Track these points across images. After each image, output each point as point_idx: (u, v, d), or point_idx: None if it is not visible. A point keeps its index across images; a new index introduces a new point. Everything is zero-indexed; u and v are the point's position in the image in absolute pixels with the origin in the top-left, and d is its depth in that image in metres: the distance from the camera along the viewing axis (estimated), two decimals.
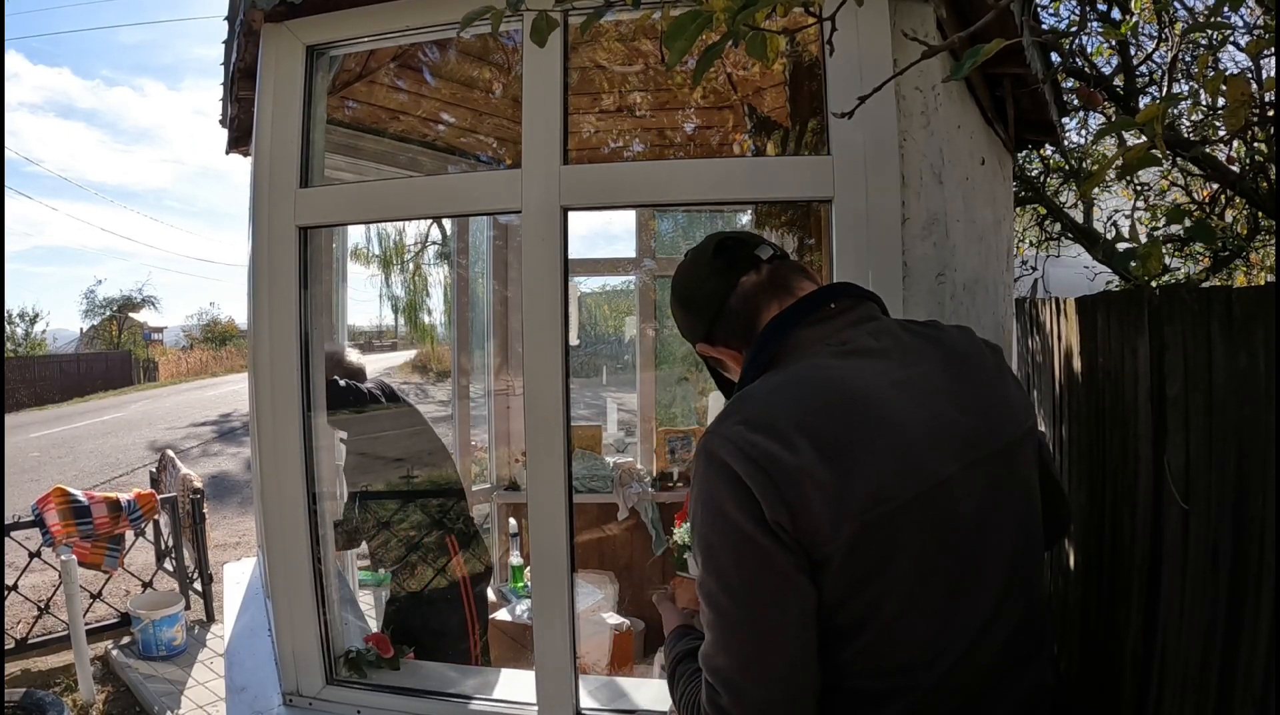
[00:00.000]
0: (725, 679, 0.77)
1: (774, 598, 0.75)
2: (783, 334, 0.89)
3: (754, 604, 0.76)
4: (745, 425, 0.77)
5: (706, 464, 0.78)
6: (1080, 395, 2.48)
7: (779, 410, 0.78)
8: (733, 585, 0.76)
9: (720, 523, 0.76)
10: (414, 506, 2.56)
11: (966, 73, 0.91)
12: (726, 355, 0.99)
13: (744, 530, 0.75)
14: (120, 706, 3.26)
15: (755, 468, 0.75)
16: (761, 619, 0.75)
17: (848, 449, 0.76)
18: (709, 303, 0.96)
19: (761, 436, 0.76)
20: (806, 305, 0.90)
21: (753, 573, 0.75)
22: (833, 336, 0.87)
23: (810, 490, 0.74)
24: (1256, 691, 1.46)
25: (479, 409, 3.60)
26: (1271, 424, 1.43)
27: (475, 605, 2.57)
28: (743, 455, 0.75)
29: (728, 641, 0.77)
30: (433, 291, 6.80)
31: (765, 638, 0.76)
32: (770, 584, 0.75)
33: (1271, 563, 1.42)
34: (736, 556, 0.76)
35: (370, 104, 2.82)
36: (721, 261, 0.96)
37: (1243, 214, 4.06)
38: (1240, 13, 3.33)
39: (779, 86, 2.73)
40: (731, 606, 0.76)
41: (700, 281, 0.98)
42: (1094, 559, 2.31)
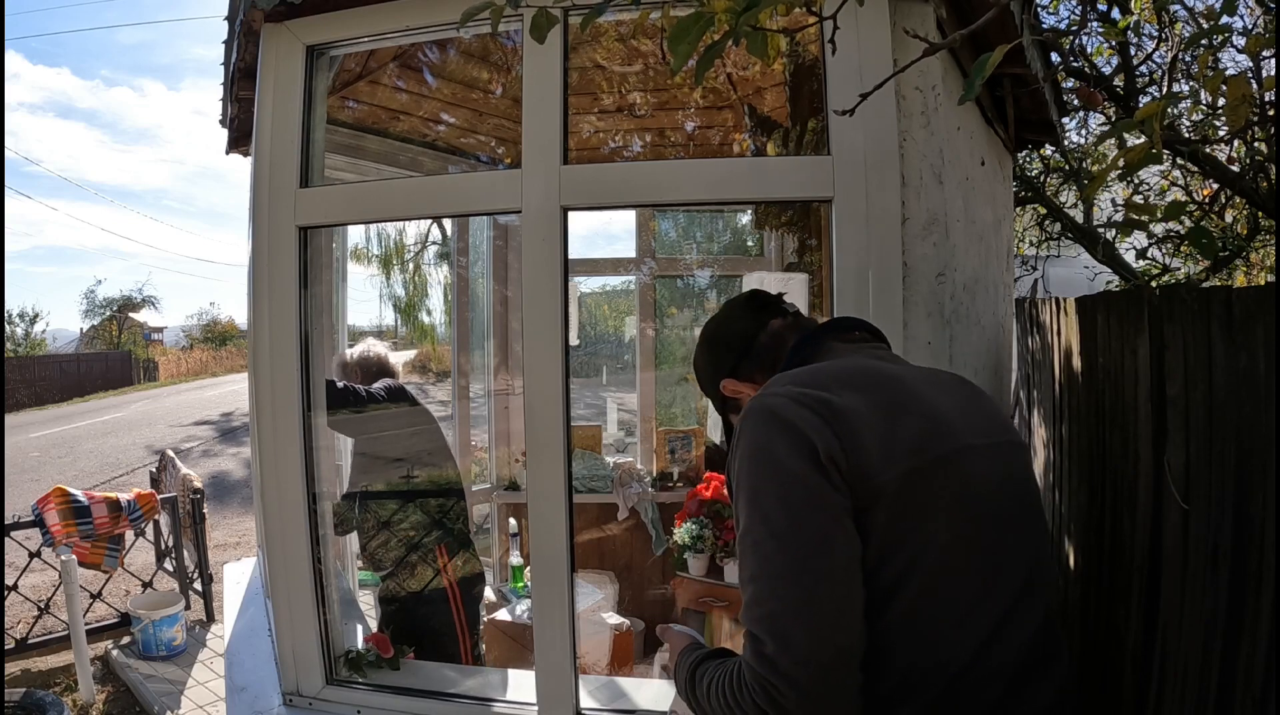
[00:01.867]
0: (771, 626, 0.74)
1: (823, 539, 0.76)
2: (818, 342, 0.99)
3: (803, 544, 0.76)
4: (794, 383, 0.85)
5: (756, 418, 0.83)
6: (1080, 395, 2.48)
7: (824, 375, 0.88)
8: (780, 529, 0.77)
9: (769, 468, 0.79)
10: (411, 507, 2.56)
11: (976, 92, 0.92)
12: (749, 389, 1.04)
13: (795, 471, 0.77)
14: (120, 706, 3.26)
15: (809, 411, 0.80)
16: (811, 559, 0.75)
17: (889, 404, 0.84)
18: (739, 339, 1.05)
19: (814, 388, 0.83)
20: (837, 327, 1.03)
21: (802, 514, 0.77)
22: (860, 350, 0.99)
23: (862, 428, 0.80)
24: (1256, 691, 1.46)
25: (479, 409, 3.60)
26: (1271, 424, 1.43)
27: (464, 609, 2.57)
28: (796, 402, 0.82)
29: (774, 586, 0.75)
30: (433, 291, 6.80)
31: (814, 580, 0.75)
32: (818, 524, 0.76)
33: (1271, 563, 1.42)
34: (785, 499, 0.77)
35: (370, 104, 2.82)
36: (755, 305, 1.08)
37: (1243, 214, 4.06)
38: (1240, 13, 3.33)
39: (779, 86, 2.73)
40: (778, 550, 0.76)
41: (732, 322, 1.08)
42: (1094, 559, 2.31)
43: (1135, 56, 3.83)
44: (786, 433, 0.79)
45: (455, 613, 2.54)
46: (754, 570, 0.78)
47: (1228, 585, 1.56)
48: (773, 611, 0.75)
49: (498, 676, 2.05)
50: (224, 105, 2.42)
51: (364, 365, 2.64)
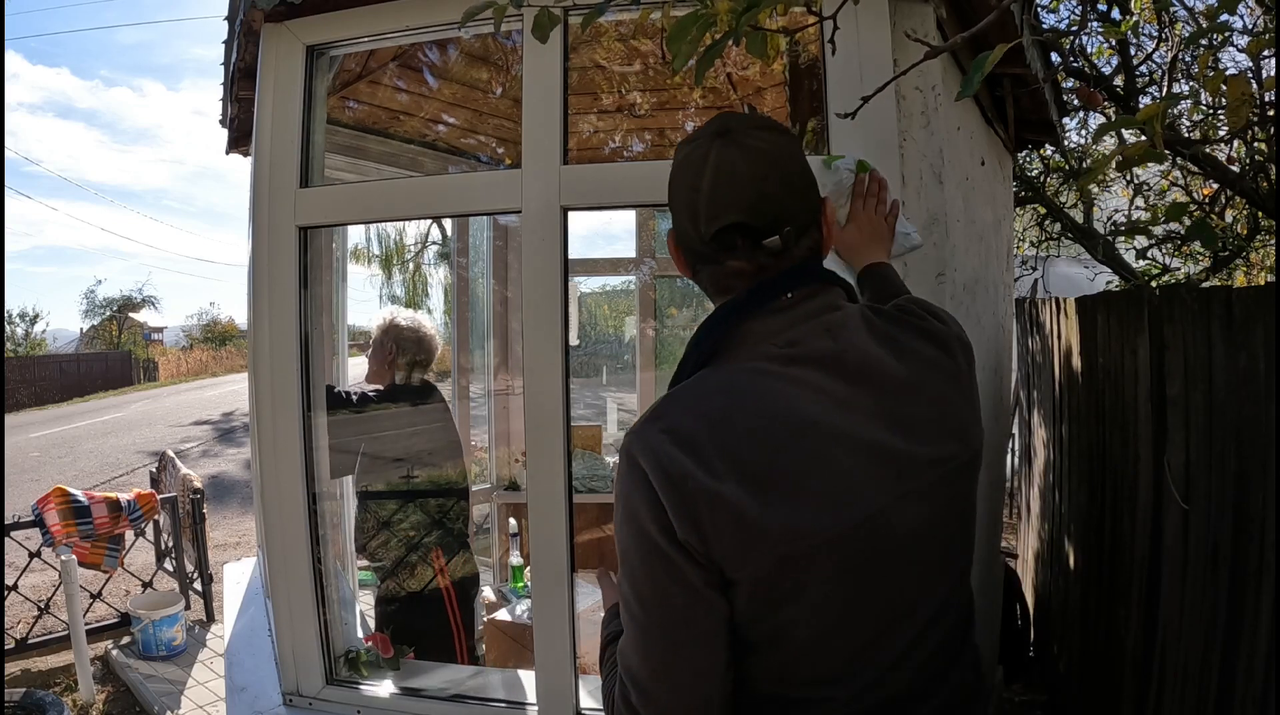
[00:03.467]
0: (635, 680, 0.76)
1: (683, 612, 0.74)
2: (728, 326, 0.81)
3: (664, 614, 0.75)
4: (669, 435, 0.74)
5: (626, 467, 0.76)
6: (1080, 395, 2.48)
7: (705, 425, 0.74)
8: (644, 593, 0.75)
9: (633, 529, 0.75)
10: (412, 506, 2.56)
11: (975, 88, 0.91)
12: (680, 266, 0.90)
13: (655, 541, 0.73)
14: (120, 706, 3.26)
15: (670, 484, 0.72)
16: (671, 630, 0.75)
17: (773, 481, 0.73)
18: (686, 247, 0.86)
19: (681, 452, 0.73)
20: (760, 294, 0.81)
21: (663, 584, 0.74)
22: (781, 333, 0.80)
23: (723, 517, 0.71)
24: (1256, 691, 1.46)
25: (479, 409, 3.60)
26: (1271, 424, 1.43)
27: (460, 611, 2.57)
28: (660, 468, 0.73)
29: (640, 645, 0.76)
30: (433, 291, 6.79)
31: (675, 648, 0.75)
32: (680, 597, 0.74)
33: (1271, 562, 1.42)
34: (647, 566, 0.75)
35: (370, 104, 2.82)
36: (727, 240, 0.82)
37: (1243, 214, 4.06)
38: (1240, 13, 3.33)
39: (779, 86, 2.73)
40: (642, 613, 0.75)
41: (686, 229, 0.84)
42: (1094, 558, 2.32)
43: (1135, 56, 3.83)
44: (648, 499, 0.73)
45: (451, 614, 2.54)
46: (625, 620, 0.78)
47: (1228, 585, 1.56)
48: (638, 667, 0.76)
49: (498, 676, 2.05)
50: (224, 105, 2.43)
51: (401, 341, 2.57)
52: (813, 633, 0.76)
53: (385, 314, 2.64)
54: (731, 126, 0.82)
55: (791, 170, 0.83)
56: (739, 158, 0.80)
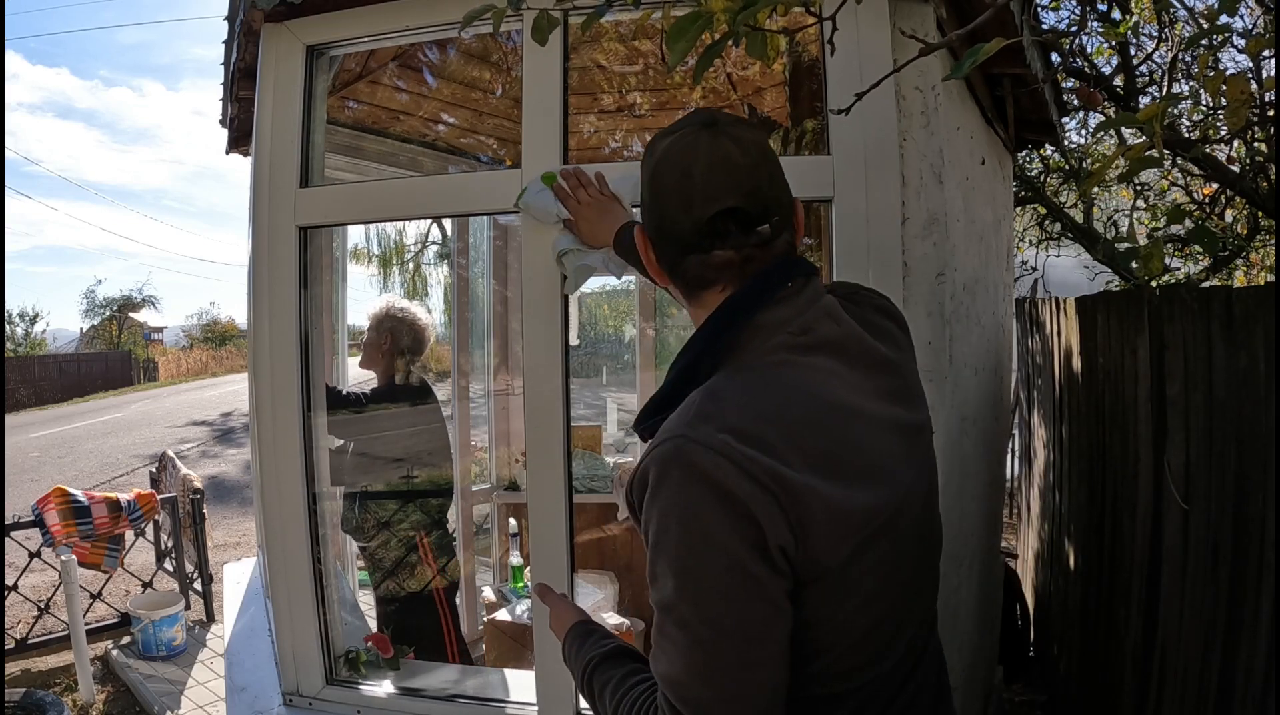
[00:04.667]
0: (699, 708, 0.70)
1: (761, 630, 0.70)
2: (741, 319, 0.79)
3: (741, 636, 0.69)
4: (733, 435, 0.69)
5: (685, 476, 0.69)
6: (1080, 395, 2.48)
7: (765, 421, 0.71)
8: (715, 614, 0.69)
9: (705, 546, 0.69)
10: (412, 507, 2.57)
11: (966, 71, 0.91)
12: (652, 268, 0.87)
13: (737, 558, 0.68)
14: (120, 706, 3.26)
15: (759, 488, 0.68)
16: (746, 651, 0.70)
17: (839, 464, 0.72)
18: (670, 236, 0.82)
19: (758, 451, 0.69)
20: (766, 284, 0.79)
21: (741, 602, 0.69)
22: (793, 320, 0.79)
23: (817, 507, 0.69)
24: (1257, 691, 1.46)
25: (479, 409, 3.59)
26: (1271, 424, 1.43)
27: (449, 608, 2.58)
28: (742, 472, 0.68)
29: (705, 673, 0.70)
30: (433, 291, 6.79)
31: (748, 670, 0.70)
32: (759, 615, 0.69)
33: (1271, 562, 1.42)
34: (725, 586, 0.69)
35: (370, 104, 2.82)
36: (718, 228, 0.79)
37: (1243, 214, 4.06)
38: (1240, 13, 3.33)
39: (779, 86, 2.73)
40: (713, 637, 0.69)
41: (675, 216, 0.81)
42: (1094, 558, 2.32)
43: (1135, 56, 3.84)
44: (726, 507, 0.68)
45: (441, 611, 2.54)
46: (682, 648, 0.70)
47: (1228, 585, 1.56)
48: (699, 699, 0.70)
49: (498, 676, 2.05)
50: (224, 105, 2.43)
51: (395, 331, 2.58)
52: (869, 621, 0.76)
53: (380, 303, 2.65)
54: (717, 119, 0.82)
55: (776, 164, 0.83)
56: (733, 147, 0.79)
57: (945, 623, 1.55)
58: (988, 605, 2.51)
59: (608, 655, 0.89)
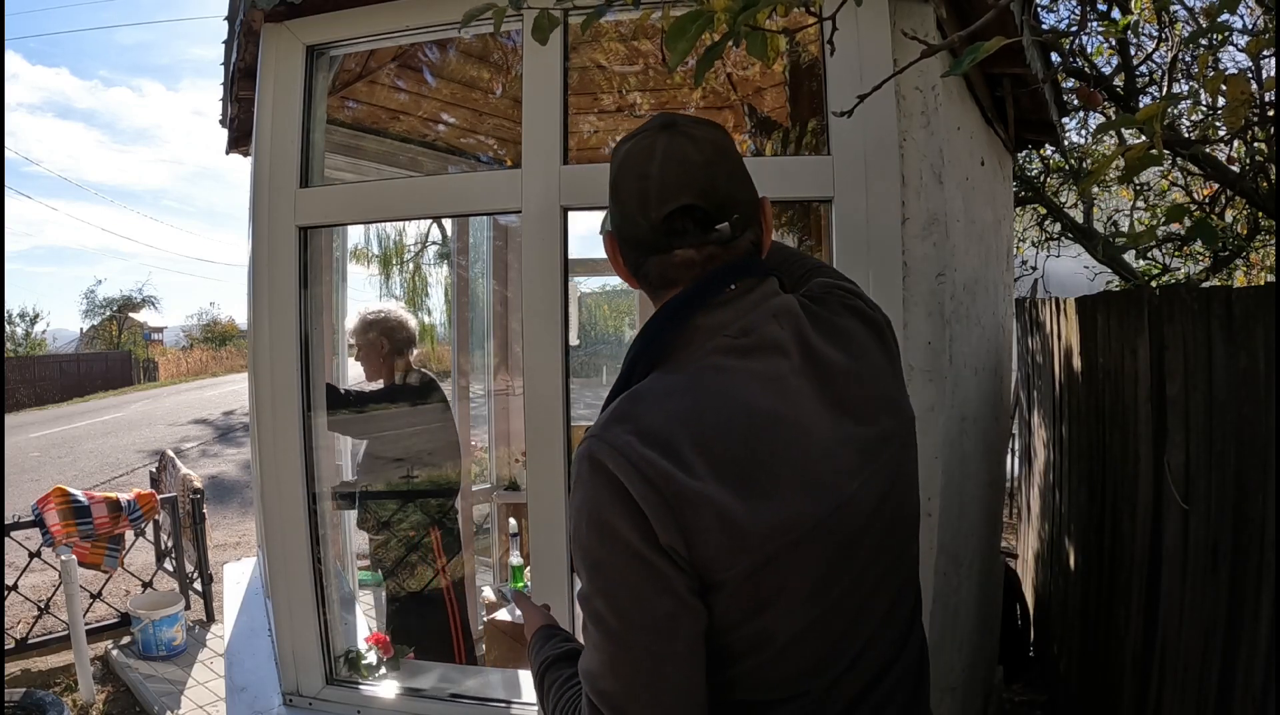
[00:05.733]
0: (611, 704, 0.72)
1: (667, 623, 0.70)
2: (678, 321, 0.79)
3: (645, 628, 0.70)
4: (638, 437, 0.71)
5: (592, 474, 0.72)
6: (1080, 395, 2.48)
7: (676, 424, 0.72)
8: (623, 607, 0.71)
9: (609, 540, 0.71)
10: (411, 506, 2.57)
11: (966, 68, 0.91)
12: (618, 268, 0.87)
13: (636, 549, 0.70)
14: (120, 706, 3.26)
15: (650, 488, 0.69)
16: (653, 644, 0.70)
17: (751, 476, 0.71)
18: (631, 238, 0.83)
19: (656, 453, 0.70)
20: (706, 287, 0.79)
21: (646, 594, 0.70)
22: (733, 323, 0.78)
23: (708, 518, 0.69)
24: (1256, 691, 1.46)
25: (479, 409, 3.59)
26: (1271, 424, 1.43)
27: (459, 610, 2.59)
28: (636, 472, 0.70)
29: (615, 665, 0.71)
30: (433, 291, 6.79)
31: (656, 664, 0.71)
32: (664, 608, 0.70)
33: (1271, 563, 1.42)
34: (627, 577, 0.70)
35: (370, 104, 2.82)
36: (675, 226, 0.79)
37: (1243, 214, 4.06)
38: (1240, 13, 3.33)
39: (779, 86, 2.73)
40: (621, 629, 0.71)
41: (634, 217, 0.81)
42: (1094, 559, 2.32)
43: (1135, 56, 3.84)
44: (625, 506, 0.70)
45: (451, 614, 2.55)
46: (595, 640, 0.73)
47: (1228, 585, 1.56)
48: (614, 689, 0.71)
49: (498, 676, 2.05)
50: (224, 105, 2.43)
51: (386, 332, 2.59)
52: (795, 630, 0.75)
53: (351, 319, 2.66)
54: (676, 120, 0.82)
55: (736, 162, 0.83)
56: (688, 146, 0.79)
57: (945, 623, 1.55)
58: (988, 605, 2.51)
59: (561, 656, 0.89)
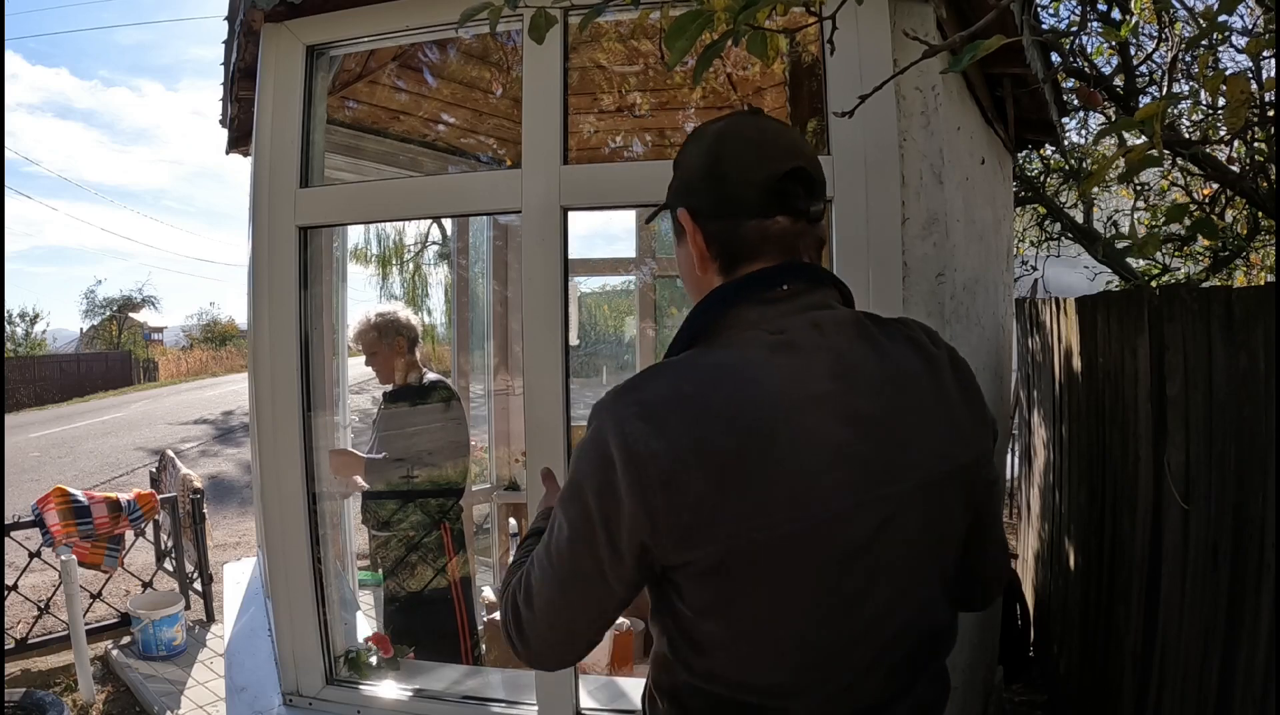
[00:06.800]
0: (515, 618, 0.83)
1: (584, 584, 0.78)
2: (723, 308, 0.82)
3: (568, 573, 0.78)
4: (639, 407, 0.74)
5: (591, 435, 0.77)
6: (1080, 395, 2.48)
7: (679, 404, 0.74)
8: (560, 550, 0.78)
9: (585, 486, 0.75)
10: (412, 506, 2.57)
11: (965, 66, 0.91)
12: (696, 248, 0.85)
13: (599, 508, 0.74)
14: (120, 706, 3.26)
15: (630, 461, 0.72)
16: (565, 591, 0.79)
17: (736, 469, 0.72)
18: (732, 201, 0.83)
19: (648, 428, 0.72)
20: (757, 281, 0.82)
21: (581, 552, 0.76)
22: (774, 320, 0.80)
23: (679, 501, 0.71)
24: (1256, 691, 1.46)
25: (479, 409, 3.60)
26: (1271, 424, 1.43)
27: (466, 609, 2.59)
28: (624, 441, 0.73)
29: (539, 589, 0.81)
30: (433, 291, 6.80)
31: (558, 609, 0.80)
32: (586, 569, 0.77)
33: (1271, 563, 1.42)
34: (577, 530, 0.76)
35: (370, 104, 2.82)
36: (785, 188, 0.81)
37: (1243, 214, 4.06)
38: (1240, 13, 3.33)
39: (779, 86, 2.73)
40: (551, 571, 0.79)
41: (744, 177, 0.82)
42: (1094, 558, 2.32)
43: (1135, 56, 3.83)
44: (603, 465, 0.73)
45: (458, 613, 2.55)
46: (537, 559, 0.82)
47: (1228, 585, 1.56)
48: (526, 605, 0.82)
49: (498, 676, 2.05)
50: (224, 105, 2.43)
51: (409, 333, 2.63)
52: (769, 633, 0.76)
53: (356, 324, 2.67)
54: (759, 110, 0.87)
55: None
56: (780, 126, 0.85)
57: None
58: None
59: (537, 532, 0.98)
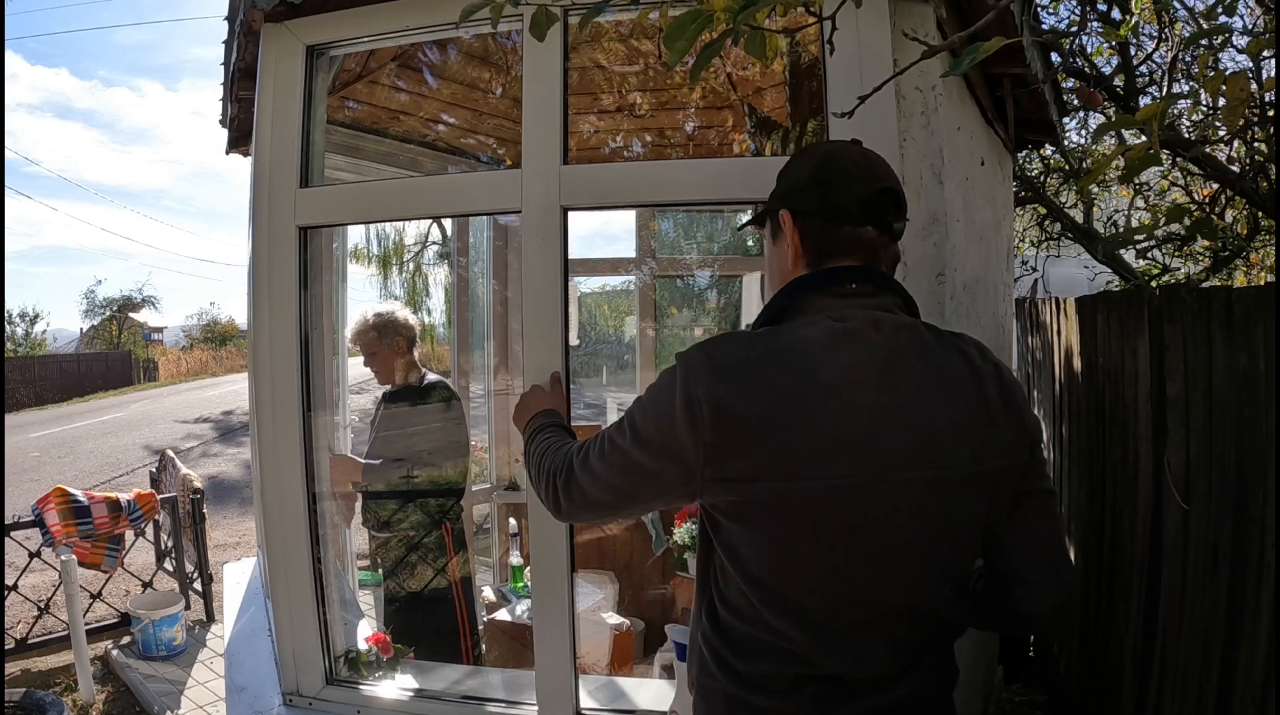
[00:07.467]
0: (577, 474, 1.00)
1: (632, 481, 0.96)
2: (800, 295, 0.96)
3: (622, 473, 0.96)
4: (710, 360, 0.90)
5: (670, 372, 0.93)
6: (1080, 395, 2.48)
7: (738, 369, 0.89)
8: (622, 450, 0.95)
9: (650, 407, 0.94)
10: (411, 506, 2.57)
11: (965, 68, 0.91)
12: (792, 245, 0.98)
13: (653, 433, 0.92)
14: (120, 706, 3.26)
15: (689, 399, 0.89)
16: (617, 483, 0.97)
17: (770, 427, 0.86)
18: (834, 207, 0.96)
19: (713, 377, 0.89)
20: (831, 276, 0.96)
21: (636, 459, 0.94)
22: (838, 311, 0.92)
23: (721, 440, 0.87)
24: (1256, 691, 1.46)
25: (479, 409, 3.59)
26: (1271, 424, 1.43)
27: (467, 608, 2.59)
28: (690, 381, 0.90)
29: (597, 465, 0.98)
30: (433, 291, 6.80)
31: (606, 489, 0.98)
32: (640, 471, 0.94)
33: (1271, 563, 1.42)
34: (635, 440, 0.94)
35: (370, 104, 2.82)
36: (880, 202, 0.96)
37: (1243, 214, 4.05)
38: (1240, 13, 3.32)
39: (779, 86, 2.73)
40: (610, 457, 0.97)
41: (849, 189, 0.95)
42: (1094, 558, 2.32)
43: (1135, 56, 3.83)
44: (671, 393, 0.90)
45: (459, 612, 2.55)
46: (612, 432, 0.98)
47: (1228, 585, 1.56)
48: (575, 471, 1.01)
49: (498, 676, 2.05)
50: (224, 105, 2.43)
51: (408, 333, 2.63)
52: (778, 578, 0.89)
53: (355, 324, 2.66)
54: (858, 140, 1.02)
55: None
56: (878, 156, 1.00)
57: None
58: None
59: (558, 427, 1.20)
